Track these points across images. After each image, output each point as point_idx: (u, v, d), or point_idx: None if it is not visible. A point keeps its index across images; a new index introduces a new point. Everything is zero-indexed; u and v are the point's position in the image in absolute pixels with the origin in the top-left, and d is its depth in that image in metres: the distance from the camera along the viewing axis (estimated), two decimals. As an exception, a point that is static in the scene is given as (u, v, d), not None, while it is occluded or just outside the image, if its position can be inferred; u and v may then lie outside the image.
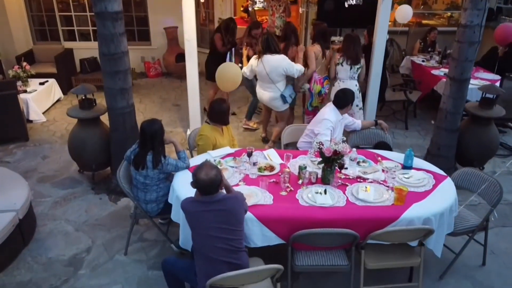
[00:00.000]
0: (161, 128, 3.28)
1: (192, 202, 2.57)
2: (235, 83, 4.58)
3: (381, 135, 4.27)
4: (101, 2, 3.73)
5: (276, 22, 8.13)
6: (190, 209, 2.53)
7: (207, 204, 2.49)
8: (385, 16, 4.95)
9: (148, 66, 8.50)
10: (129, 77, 4.15)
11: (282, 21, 8.19)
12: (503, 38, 5.47)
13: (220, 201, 2.50)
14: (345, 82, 4.99)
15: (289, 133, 4.41)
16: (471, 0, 4.00)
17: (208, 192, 2.48)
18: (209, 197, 2.49)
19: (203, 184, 2.45)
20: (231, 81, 4.56)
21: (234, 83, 4.58)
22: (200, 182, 2.45)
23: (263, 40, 4.83)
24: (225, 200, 2.52)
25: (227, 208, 2.50)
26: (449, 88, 4.37)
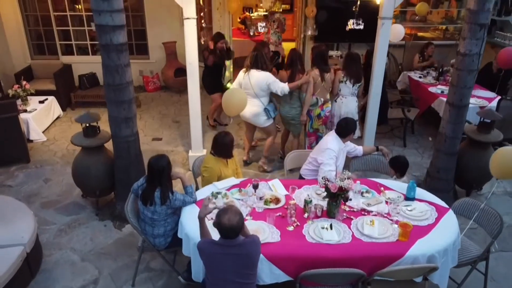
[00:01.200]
0: (168, 164, 3.32)
1: (210, 243, 2.62)
2: (242, 108, 4.66)
3: (382, 160, 4.34)
4: (107, 34, 3.76)
5: (272, 38, 8.21)
6: (208, 250, 2.59)
7: (225, 248, 2.54)
8: (385, 39, 5.01)
9: (147, 80, 8.52)
10: (133, 106, 4.18)
11: (277, 37, 8.28)
12: (506, 62, 5.56)
13: (239, 245, 2.55)
14: (347, 98, 5.18)
15: (292, 159, 4.47)
16: (470, 30, 4.08)
17: (228, 237, 2.53)
18: (228, 241, 2.53)
19: (225, 228, 2.49)
20: (236, 108, 4.60)
21: (241, 108, 4.66)
22: (222, 226, 2.49)
23: (252, 56, 5.05)
24: (244, 245, 2.57)
25: (245, 253, 2.55)
26: (448, 114, 4.45)
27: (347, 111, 5.12)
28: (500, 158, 3.22)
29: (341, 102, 5.10)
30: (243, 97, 4.57)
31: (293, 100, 5.12)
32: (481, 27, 4.03)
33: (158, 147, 6.24)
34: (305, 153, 4.54)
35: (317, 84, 4.85)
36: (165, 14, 8.16)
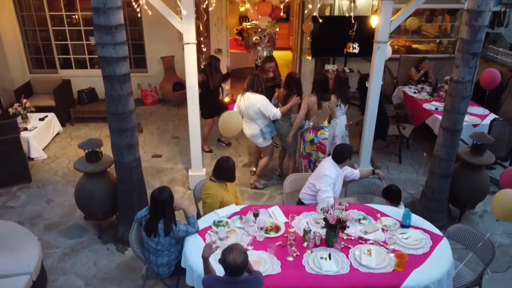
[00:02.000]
0: (170, 196, 3.41)
1: (215, 280, 2.72)
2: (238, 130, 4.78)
3: (378, 184, 4.46)
4: (110, 66, 3.85)
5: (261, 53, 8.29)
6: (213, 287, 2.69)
7: (229, 285, 2.64)
8: (380, 62, 5.14)
9: (145, 94, 8.59)
10: (135, 133, 4.27)
11: (268, 51, 8.38)
12: (489, 83, 5.71)
13: (243, 282, 2.65)
14: (340, 118, 5.41)
15: (290, 182, 4.58)
16: (463, 59, 4.21)
17: (232, 274, 2.63)
18: (233, 278, 2.64)
19: (230, 267, 2.59)
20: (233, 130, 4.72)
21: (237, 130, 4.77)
22: (227, 264, 2.59)
23: (249, 80, 5.19)
24: (248, 281, 2.67)
25: None
26: (442, 138, 4.58)
27: (340, 130, 5.37)
28: (502, 201, 3.33)
29: (334, 123, 5.29)
30: (239, 120, 4.66)
31: (285, 117, 5.25)
32: (473, 56, 4.16)
33: (158, 164, 6.33)
34: (303, 176, 4.66)
35: (313, 111, 4.91)
36: (163, 28, 8.18)
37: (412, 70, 7.82)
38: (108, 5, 3.63)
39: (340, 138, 5.40)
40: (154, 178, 5.91)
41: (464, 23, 4.15)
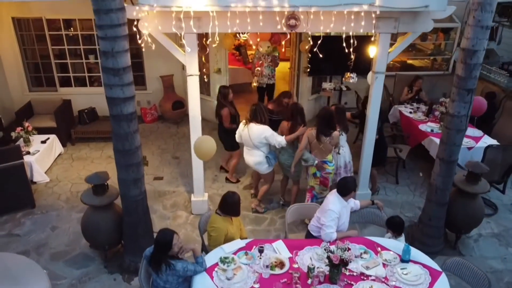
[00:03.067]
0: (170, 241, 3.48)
1: None
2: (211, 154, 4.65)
3: (377, 213, 4.61)
4: (117, 106, 3.95)
5: (265, 71, 8.42)
6: None
7: None
8: (378, 92, 5.29)
9: (145, 112, 8.67)
10: (141, 168, 4.37)
11: (270, 70, 8.51)
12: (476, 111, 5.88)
13: None
14: (345, 146, 5.49)
15: (292, 212, 4.70)
16: (458, 94, 4.36)
17: None
18: None
19: None
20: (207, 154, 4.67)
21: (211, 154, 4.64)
22: None
23: (251, 110, 5.29)
24: None
25: None
26: (439, 168, 4.73)
27: (343, 160, 5.41)
28: None
29: (343, 152, 5.37)
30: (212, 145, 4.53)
31: (292, 148, 5.35)
32: (468, 92, 4.32)
33: (160, 187, 6.43)
34: (305, 206, 4.80)
35: (313, 144, 4.98)
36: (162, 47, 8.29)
37: (405, 90, 7.99)
38: (116, 49, 3.74)
39: (344, 166, 5.47)
40: (156, 203, 6.01)
41: (459, 60, 4.30)
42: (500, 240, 5.34)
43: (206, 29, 4.55)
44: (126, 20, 3.81)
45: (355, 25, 4.58)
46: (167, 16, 4.42)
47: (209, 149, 4.42)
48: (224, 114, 5.98)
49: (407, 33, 5.08)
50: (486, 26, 4.06)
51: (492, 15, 4.05)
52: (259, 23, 4.45)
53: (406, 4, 4.42)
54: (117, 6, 3.61)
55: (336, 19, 4.52)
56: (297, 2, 4.28)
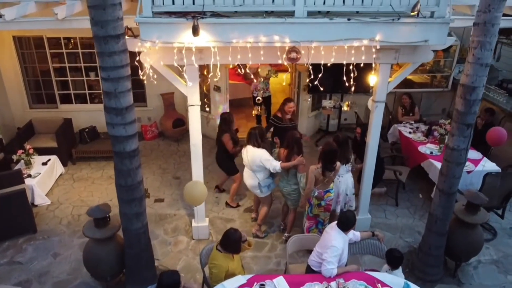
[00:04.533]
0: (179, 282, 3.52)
1: None
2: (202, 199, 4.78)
3: (378, 245, 4.64)
4: (120, 144, 3.98)
5: (259, 85, 8.49)
6: None
7: None
8: (378, 120, 5.32)
9: (145, 129, 8.69)
10: (143, 201, 4.40)
11: (265, 84, 8.60)
12: (496, 142, 5.90)
13: None
14: (344, 176, 5.44)
15: (293, 243, 4.73)
16: (458, 128, 4.40)
17: None
18: None
19: None
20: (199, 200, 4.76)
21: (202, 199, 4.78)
22: None
23: (248, 134, 5.44)
24: None
25: None
26: (439, 199, 4.77)
27: (345, 188, 5.43)
28: None
29: (338, 182, 5.34)
30: (203, 191, 4.63)
31: (289, 176, 5.38)
32: (468, 127, 4.36)
33: (160, 210, 6.46)
34: (306, 237, 4.83)
35: (318, 180, 5.00)
36: (163, 65, 8.35)
37: (399, 110, 8.05)
38: (119, 90, 3.78)
39: (344, 196, 5.47)
40: (157, 227, 6.04)
41: (459, 95, 4.34)
42: (499, 267, 5.38)
43: (207, 61, 4.58)
44: (128, 60, 3.85)
45: (355, 57, 4.62)
46: (168, 50, 4.45)
47: (200, 195, 4.50)
48: (225, 140, 6.02)
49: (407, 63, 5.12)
50: (486, 64, 4.10)
51: (491, 53, 4.08)
52: (260, 57, 4.49)
53: (406, 39, 4.46)
54: (120, 49, 3.65)
55: (337, 52, 4.55)
56: (298, 38, 4.31)
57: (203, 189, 4.66)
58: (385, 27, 4.36)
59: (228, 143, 6.01)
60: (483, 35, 3.98)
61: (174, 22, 4.17)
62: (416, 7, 4.28)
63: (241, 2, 4.23)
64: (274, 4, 4.29)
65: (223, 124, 6.10)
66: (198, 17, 4.16)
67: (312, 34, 4.32)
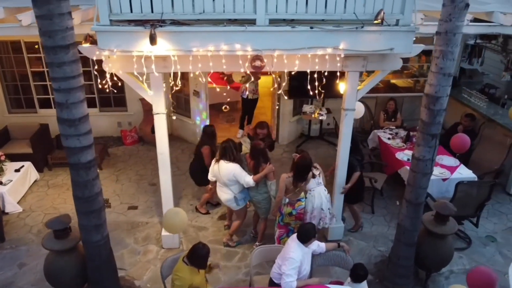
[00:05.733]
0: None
1: None
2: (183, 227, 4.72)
3: (343, 257, 4.57)
4: (75, 155, 3.90)
5: (249, 87, 8.42)
6: None
7: None
8: (348, 128, 5.24)
9: (125, 134, 8.61)
10: (102, 213, 4.32)
11: (254, 85, 8.51)
12: (459, 148, 5.83)
13: None
14: (315, 190, 5.17)
15: (258, 254, 4.65)
16: (423, 139, 4.32)
17: None
18: None
19: None
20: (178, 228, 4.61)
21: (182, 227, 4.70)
22: None
23: (221, 148, 5.29)
24: None
25: None
26: (406, 209, 4.69)
27: (319, 202, 5.14)
28: None
29: (311, 196, 5.13)
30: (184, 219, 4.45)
31: (259, 186, 5.30)
32: (432, 137, 4.28)
33: (133, 218, 6.38)
34: (271, 248, 4.74)
35: (289, 190, 4.92)
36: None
37: (381, 116, 7.98)
38: (71, 101, 3.69)
39: (319, 211, 5.15)
40: (128, 235, 5.96)
41: (423, 105, 4.27)
42: (472, 278, 5.29)
43: (169, 70, 4.50)
44: (81, 71, 3.76)
45: (320, 65, 4.55)
46: (128, 58, 4.36)
47: (181, 224, 4.38)
48: (205, 152, 5.91)
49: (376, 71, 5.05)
50: (449, 73, 4.02)
51: (454, 63, 4.01)
52: (222, 65, 4.42)
53: (371, 47, 4.38)
54: (70, 59, 3.56)
55: (300, 61, 4.48)
56: (260, 46, 4.24)
57: (184, 219, 4.51)
58: (349, 35, 4.29)
59: (207, 157, 5.89)
60: (445, 44, 3.91)
61: (132, 31, 4.09)
62: (380, 15, 4.20)
63: (201, 10, 4.16)
64: (235, 12, 4.21)
65: (205, 136, 6.01)
66: (157, 25, 4.08)
67: (274, 42, 4.24)
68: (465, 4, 3.73)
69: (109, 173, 7.63)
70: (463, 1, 3.72)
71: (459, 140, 5.68)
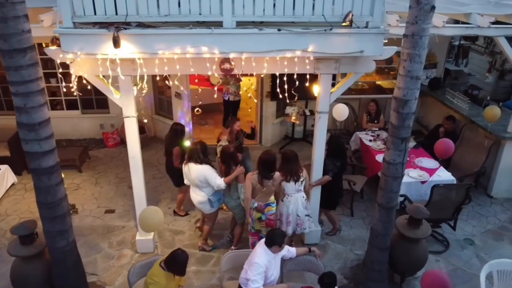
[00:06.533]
0: None
1: None
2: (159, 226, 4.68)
3: (314, 262, 4.51)
4: (36, 160, 3.84)
5: (231, 88, 8.37)
6: None
7: None
8: (323, 130, 5.19)
9: (107, 137, 8.55)
10: (67, 219, 4.24)
11: (236, 87, 8.45)
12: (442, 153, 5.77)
13: None
14: (293, 196, 5.05)
15: (228, 259, 4.58)
16: (393, 143, 4.27)
17: None
18: None
19: None
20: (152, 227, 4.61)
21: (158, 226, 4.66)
22: None
23: (188, 151, 5.27)
24: None
25: None
26: (378, 213, 4.64)
27: (294, 208, 5.06)
28: None
29: (287, 201, 5.04)
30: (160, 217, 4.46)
31: (232, 191, 5.26)
32: (402, 140, 4.23)
33: (110, 221, 6.31)
34: (243, 253, 4.67)
35: (256, 189, 4.83)
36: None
37: (364, 117, 7.94)
38: (29, 105, 3.63)
39: (294, 217, 5.06)
40: (103, 240, 5.89)
41: (392, 109, 4.22)
42: (447, 282, 5.24)
43: (134, 73, 4.43)
44: (40, 74, 3.70)
45: (290, 67, 4.49)
46: (95, 61, 4.29)
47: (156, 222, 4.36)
48: (175, 153, 5.87)
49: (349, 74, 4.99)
50: (416, 76, 3.97)
51: (422, 65, 3.96)
52: (190, 68, 4.36)
53: (341, 49, 4.33)
54: (27, 63, 3.50)
55: (269, 63, 4.42)
56: (227, 49, 4.17)
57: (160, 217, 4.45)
58: (318, 38, 4.23)
59: (176, 158, 5.85)
60: (412, 47, 3.85)
61: (95, 33, 4.02)
62: (348, 17, 4.15)
63: (166, 12, 4.09)
64: (202, 14, 4.14)
65: (174, 135, 5.95)
66: (121, 28, 4.02)
67: (241, 45, 4.18)
68: (430, 6, 3.67)
69: (89, 176, 7.56)
70: (429, 4, 3.66)
71: (443, 145, 5.62)
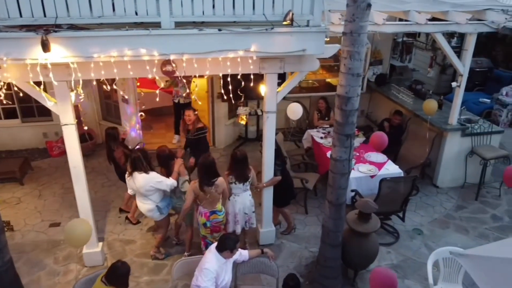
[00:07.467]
0: None
1: None
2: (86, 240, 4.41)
3: (267, 263, 4.47)
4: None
5: (180, 91, 8.22)
6: None
7: None
8: (271, 130, 5.15)
9: (51, 146, 8.11)
10: (1, 236, 3.96)
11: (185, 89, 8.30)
12: (378, 146, 5.93)
13: None
14: (240, 195, 5.08)
15: (179, 267, 4.45)
16: (339, 139, 4.31)
17: None
18: None
19: None
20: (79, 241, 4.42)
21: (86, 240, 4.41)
22: None
23: (130, 161, 5.06)
24: None
25: None
26: (329, 210, 4.67)
27: (241, 207, 5.08)
28: None
29: (234, 200, 5.03)
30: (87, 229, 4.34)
31: (177, 192, 5.22)
32: (347, 137, 4.27)
33: (55, 236, 5.97)
34: (194, 260, 4.55)
35: (200, 197, 4.73)
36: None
37: (315, 115, 8.03)
38: None
39: (242, 215, 5.12)
40: (48, 256, 5.56)
41: (336, 106, 4.25)
42: (398, 272, 5.37)
43: (69, 78, 4.19)
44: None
45: (233, 68, 4.42)
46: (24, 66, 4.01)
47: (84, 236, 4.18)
48: (118, 156, 5.73)
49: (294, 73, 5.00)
50: (358, 73, 4.03)
51: (362, 63, 4.02)
52: (128, 72, 4.18)
53: (283, 49, 4.31)
54: None
55: (211, 64, 4.33)
56: (166, 50, 4.04)
57: (87, 229, 4.26)
58: (260, 37, 4.19)
59: (121, 159, 5.75)
60: (352, 45, 3.90)
61: (22, 37, 3.76)
62: (288, 16, 4.14)
63: (99, 13, 3.90)
64: (138, 15, 3.99)
65: (111, 140, 5.76)
66: (51, 31, 3.78)
67: (181, 46, 4.06)
68: (366, 4, 3.73)
69: (31, 188, 7.14)
70: (365, 2, 3.72)
71: (377, 139, 5.77)
